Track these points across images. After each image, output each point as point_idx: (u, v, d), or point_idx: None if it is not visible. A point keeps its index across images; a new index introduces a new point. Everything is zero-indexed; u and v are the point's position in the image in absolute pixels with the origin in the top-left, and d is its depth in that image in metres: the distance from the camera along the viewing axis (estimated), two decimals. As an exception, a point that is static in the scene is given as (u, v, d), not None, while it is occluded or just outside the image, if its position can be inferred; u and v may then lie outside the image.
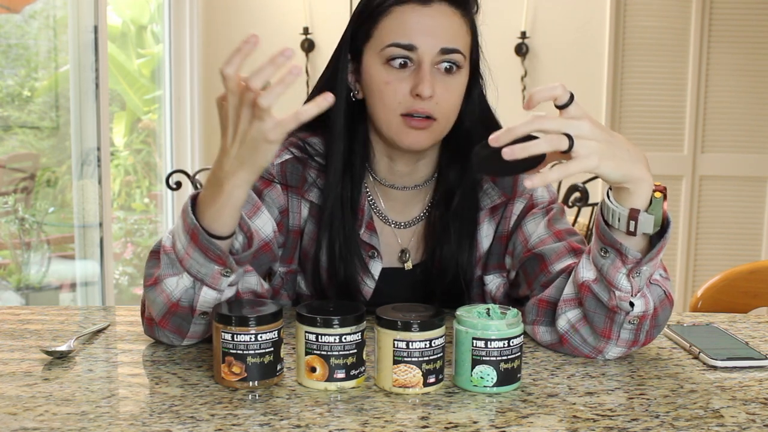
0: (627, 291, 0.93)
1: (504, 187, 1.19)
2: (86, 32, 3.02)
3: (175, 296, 0.96)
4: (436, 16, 1.10)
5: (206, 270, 0.94)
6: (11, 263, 3.14)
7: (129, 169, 4.26)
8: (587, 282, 0.97)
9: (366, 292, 1.19)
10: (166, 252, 0.96)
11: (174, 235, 0.96)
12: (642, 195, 0.90)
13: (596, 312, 0.97)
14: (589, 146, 0.85)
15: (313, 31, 3.94)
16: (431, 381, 0.86)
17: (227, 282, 0.95)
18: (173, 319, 0.98)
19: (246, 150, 0.88)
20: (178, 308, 0.96)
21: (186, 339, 1.00)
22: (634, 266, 0.92)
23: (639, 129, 3.96)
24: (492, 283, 1.20)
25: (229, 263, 0.94)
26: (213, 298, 0.96)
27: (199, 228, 0.92)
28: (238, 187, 0.91)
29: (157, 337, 1.03)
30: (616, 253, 0.92)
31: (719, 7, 3.90)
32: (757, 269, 1.50)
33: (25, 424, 0.77)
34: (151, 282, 0.98)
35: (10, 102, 3.04)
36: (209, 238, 0.92)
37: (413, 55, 1.10)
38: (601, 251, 0.94)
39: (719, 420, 0.80)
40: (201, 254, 0.93)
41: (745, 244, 4.04)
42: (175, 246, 0.95)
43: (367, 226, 1.19)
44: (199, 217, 0.93)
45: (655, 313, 0.96)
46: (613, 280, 0.93)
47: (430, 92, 1.08)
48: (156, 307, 0.98)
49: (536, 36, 3.96)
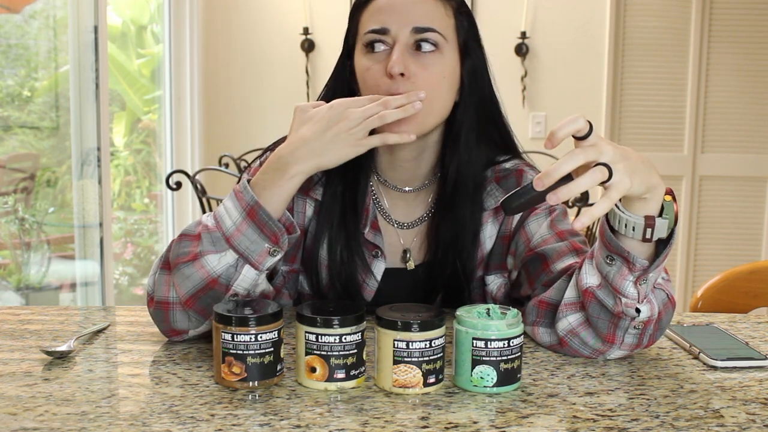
0: (634, 298, 0.93)
1: (508, 189, 1.19)
2: (86, 32, 3.02)
3: (216, 272, 0.99)
4: (408, 1, 1.11)
5: (256, 247, 0.98)
6: (11, 263, 3.14)
7: (129, 169, 4.26)
8: (591, 288, 0.97)
9: (368, 292, 1.19)
10: (210, 231, 1.00)
11: (218, 215, 1.01)
12: (657, 201, 0.90)
13: (600, 317, 0.97)
14: (619, 169, 0.85)
15: (313, 31, 3.94)
16: (431, 381, 0.86)
17: (271, 262, 1.00)
18: (203, 298, 0.99)
19: (327, 145, 0.99)
20: (216, 285, 0.99)
21: (206, 322, 1.01)
22: (642, 274, 0.92)
23: (639, 129, 3.96)
24: (493, 283, 1.20)
25: (282, 241, 0.99)
26: (252, 278, 1.00)
27: (260, 204, 0.98)
28: (301, 174, 1.00)
29: (173, 322, 1.02)
30: (623, 261, 0.92)
31: (719, 7, 3.90)
32: (757, 269, 1.50)
33: (25, 424, 0.77)
34: (189, 258, 1.00)
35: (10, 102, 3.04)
36: (269, 213, 0.98)
37: (387, 39, 1.10)
38: (606, 258, 0.93)
39: (719, 420, 0.80)
40: (256, 230, 0.98)
41: (745, 244, 4.04)
42: (222, 224, 0.99)
43: (372, 226, 1.19)
44: None
45: (659, 316, 0.96)
46: (620, 287, 0.93)
47: (399, 69, 1.07)
48: (189, 284, 0.99)
49: (536, 36, 3.96)
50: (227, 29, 4.00)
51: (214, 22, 3.99)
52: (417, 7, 1.11)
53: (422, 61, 1.10)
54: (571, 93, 3.97)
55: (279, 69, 4.01)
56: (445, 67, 1.12)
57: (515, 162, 1.22)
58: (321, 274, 1.19)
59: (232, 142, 4.03)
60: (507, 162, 1.22)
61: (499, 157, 1.22)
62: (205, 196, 2.84)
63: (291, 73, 4.01)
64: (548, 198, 0.83)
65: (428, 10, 1.11)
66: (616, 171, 0.84)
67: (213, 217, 1.01)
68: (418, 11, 1.10)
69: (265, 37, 4.00)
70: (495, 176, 1.21)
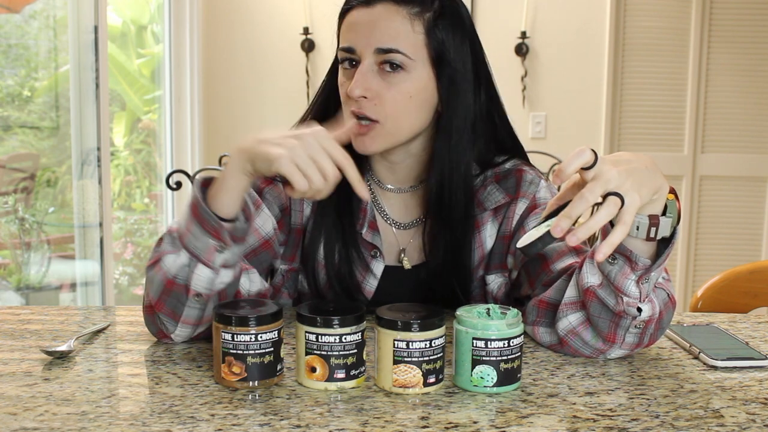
0: (635, 297, 0.93)
1: (508, 188, 1.19)
2: (86, 32, 3.02)
3: (171, 272, 0.97)
4: (375, 17, 1.09)
5: (201, 244, 0.96)
6: (11, 263, 3.14)
7: (129, 169, 4.26)
8: (593, 287, 0.97)
9: (368, 292, 1.19)
10: (170, 232, 0.99)
11: (179, 218, 0.99)
12: (661, 201, 0.90)
13: (601, 317, 0.97)
14: (627, 190, 0.85)
15: (313, 31, 3.94)
16: (431, 381, 0.86)
17: (221, 259, 0.96)
18: (168, 300, 0.98)
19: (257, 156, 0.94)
20: (174, 286, 0.97)
21: (180, 324, 1.00)
22: (644, 273, 0.92)
23: (639, 129, 3.96)
24: (494, 283, 1.20)
25: (223, 236, 0.95)
26: (207, 277, 0.97)
27: (199, 200, 0.95)
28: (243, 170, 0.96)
29: (154, 325, 1.03)
30: (625, 260, 0.92)
31: (719, 7, 3.90)
32: (757, 269, 1.50)
33: (25, 424, 0.77)
34: (153, 261, 1.00)
35: (10, 102, 3.04)
36: (207, 209, 0.95)
37: (355, 56, 1.11)
38: (608, 258, 0.93)
39: (719, 420, 0.80)
40: (198, 227, 0.95)
41: (745, 244, 4.04)
42: (179, 226, 0.98)
43: (370, 226, 1.19)
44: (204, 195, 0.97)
45: (660, 316, 0.96)
46: (622, 286, 0.93)
47: (359, 92, 1.08)
48: (154, 287, 0.99)
49: (536, 36, 3.96)
50: (227, 29, 4.00)
51: (214, 22, 3.99)
52: (381, 27, 1.09)
53: (387, 80, 1.09)
54: (571, 93, 3.97)
55: (279, 69, 4.01)
56: (413, 85, 1.10)
57: (515, 162, 1.22)
58: (319, 274, 1.19)
59: (232, 141, 4.01)
60: (507, 162, 1.22)
61: (498, 157, 1.22)
62: (205, 196, 2.83)
63: (291, 73, 4.01)
64: (568, 240, 0.84)
65: (393, 28, 1.09)
66: (626, 194, 0.84)
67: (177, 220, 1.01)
68: (382, 31, 1.09)
69: (265, 37, 4.00)
70: (495, 176, 1.20)
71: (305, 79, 3.98)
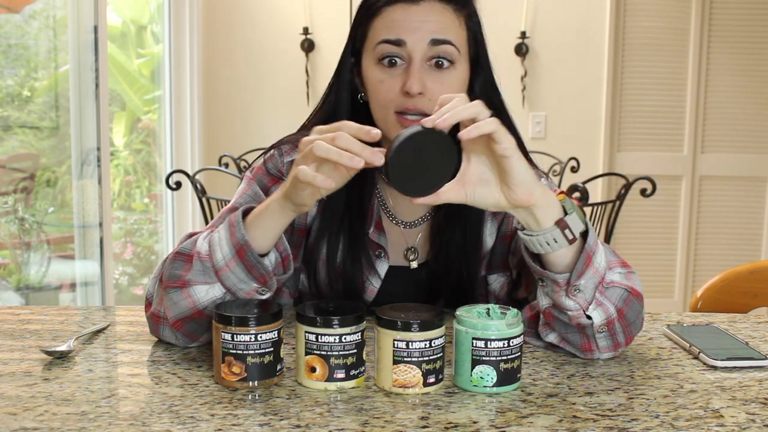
0: (576, 309, 0.95)
1: None
2: (86, 32, 3.02)
3: (202, 304, 0.96)
4: (424, 12, 1.10)
5: (244, 286, 0.95)
6: (11, 263, 3.14)
7: (129, 169, 4.26)
8: (548, 309, 0.98)
9: (371, 292, 1.19)
10: (201, 259, 0.96)
11: (212, 243, 0.96)
12: (553, 203, 0.92)
13: (568, 332, 0.99)
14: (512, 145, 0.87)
15: (313, 31, 3.94)
16: (431, 381, 0.86)
17: (259, 299, 0.97)
18: (190, 324, 0.98)
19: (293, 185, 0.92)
20: (201, 316, 0.97)
21: (194, 343, 1.01)
22: (568, 286, 0.93)
23: (639, 129, 3.96)
24: (496, 283, 1.19)
25: (270, 284, 0.96)
26: None
27: (249, 245, 0.93)
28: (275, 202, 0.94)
29: (162, 335, 1.03)
30: (549, 280, 0.95)
31: (719, 7, 3.91)
32: (757, 269, 1.50)
33: (25, 424, 0.77)
34: (178, 284, 0.97)
35: (10, 102, 3.04)
36: (258, 257, 0.94)
37: (403, 52, 1.09)
38: (540, 282, 0.96)
39: (719, 420, 0.80)
40: (244, 271, 0.94)
41: (745, 244, 4.04)
42: (214, 255, 0.95)
43: (376, 226, 1.19)
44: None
45: (621, 314, 0.97)
46: (560, 303, 0.95)
47: (418, 89, 1.07)
48: (176, 309, 0.98)
49: (536, 36, 3.96)
50: (227, 29, 4.00)
51: (214, 22, 3.99)
52: (434, 20, 1.09)
53: (439, 77, 1.10)
54: (571, 93, 3.97)
55: (279, 69, 4.01)
56: (458, 81, 1.12)
57: None
58: (321, 274, 1.19)
59: (232, 141, 4.03)
60: None
61: None
62: (205, 195, 2.83)
63: (291, 73, 4.01)
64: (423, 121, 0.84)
65: (446, 23, 1.10)
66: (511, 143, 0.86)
67: (208, 242, 0.97)
68: (435, 24, 1.09)
69: (265, 37, 4.00)
70: None
71: (305, 79, 3.98)
